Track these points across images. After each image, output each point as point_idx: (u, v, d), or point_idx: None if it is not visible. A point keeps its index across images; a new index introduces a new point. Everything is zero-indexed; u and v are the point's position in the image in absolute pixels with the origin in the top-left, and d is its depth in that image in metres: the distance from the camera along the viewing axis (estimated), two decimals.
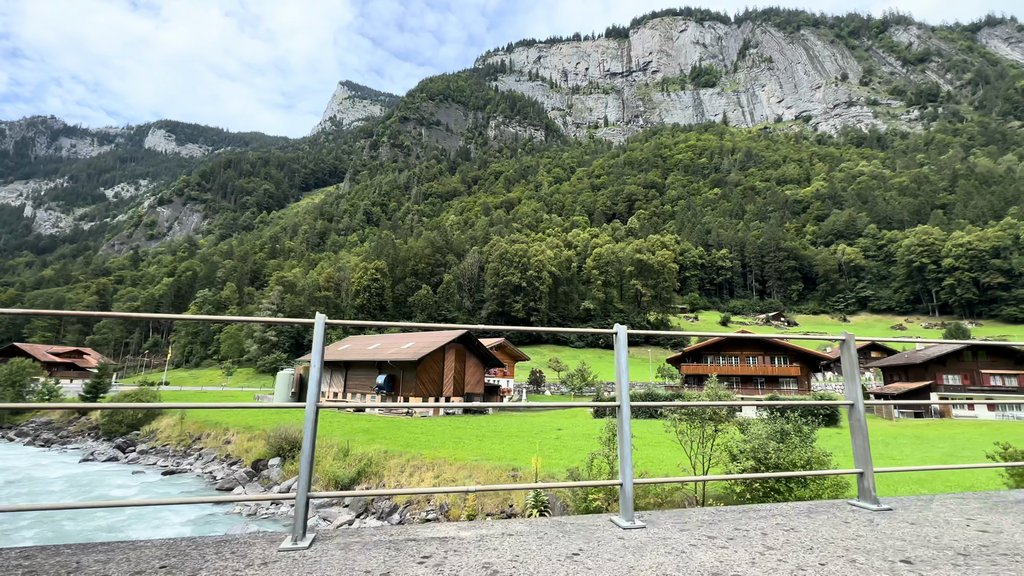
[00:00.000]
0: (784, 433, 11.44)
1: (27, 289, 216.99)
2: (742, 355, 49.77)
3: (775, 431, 11.56)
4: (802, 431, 12.46)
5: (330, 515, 19.57)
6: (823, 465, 10.67)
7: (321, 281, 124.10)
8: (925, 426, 39.77)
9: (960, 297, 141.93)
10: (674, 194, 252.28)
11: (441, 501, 18.10)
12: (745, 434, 11.86)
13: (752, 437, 11.28)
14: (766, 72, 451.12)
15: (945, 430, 36.35)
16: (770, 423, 12.19)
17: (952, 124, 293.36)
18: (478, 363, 52.83)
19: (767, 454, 10.75)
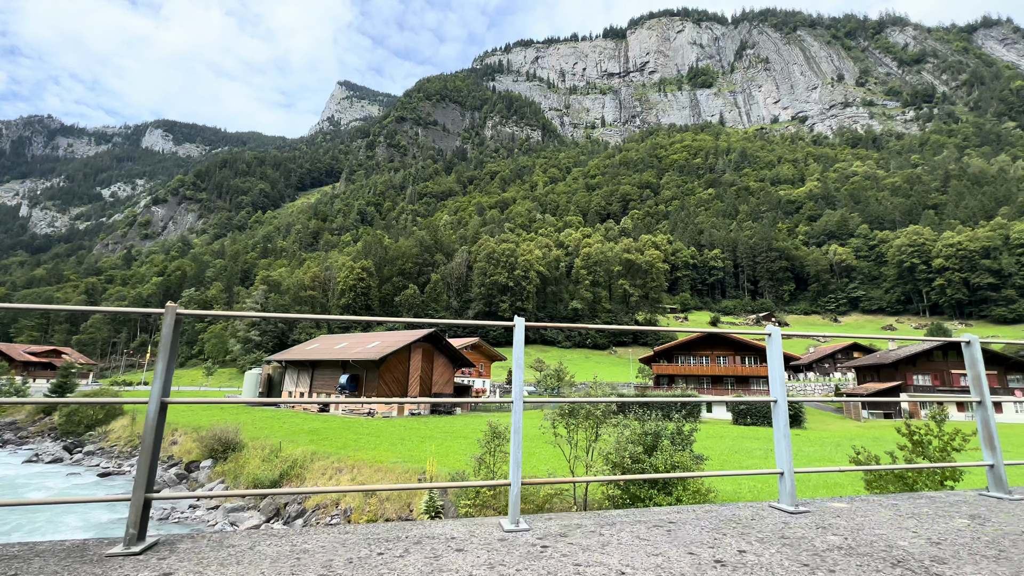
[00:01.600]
0: (657, 435, 10.82)
1: (17, 288, 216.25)
2: (712, 355, 49.16)
3: (644, 434, 10.93)
4: (681, 432, 11.82)
5: (239, 519, 18.93)
6: (687, 470, 10.04)
7: (306, 280, 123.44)
8: (891, 427, 39.17)
9: (950, 297, 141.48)
10: (668, 194, 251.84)
11: (346, 505, 17.47)
12: (623, 434, 11.24)
13: (622, 439, 10.65)
14: (763, 73, 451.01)
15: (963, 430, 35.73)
16: (647, 423, 11.56)
17: (947, 125, 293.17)
18: (447, 363, 52.20)
19: (623, 458, 10.10)
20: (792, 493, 3.58)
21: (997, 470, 4.13)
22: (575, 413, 12.47)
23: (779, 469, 3.66)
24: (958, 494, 4.26)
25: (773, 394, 3.91)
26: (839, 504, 3.83)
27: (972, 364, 4.30)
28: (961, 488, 14.77)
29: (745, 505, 3.72)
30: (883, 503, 3.91)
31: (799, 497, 4.39)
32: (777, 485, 3.70)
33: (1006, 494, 4.09)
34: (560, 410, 13.10)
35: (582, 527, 3.06)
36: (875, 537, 2.96)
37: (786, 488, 3.59)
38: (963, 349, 4.48)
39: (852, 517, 3.45)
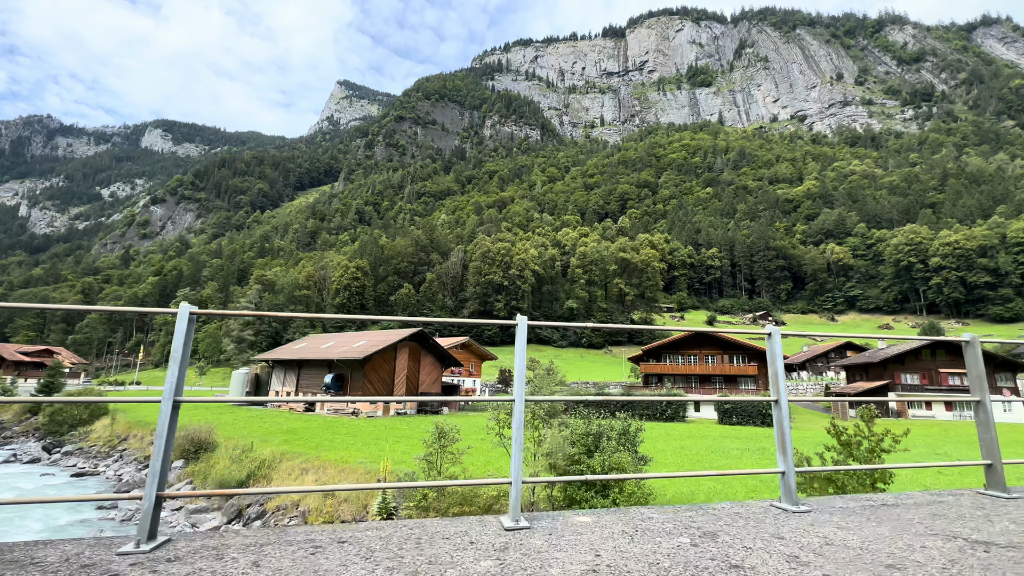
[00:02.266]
0: (597, 436, 10.54)
1: (15, 288, 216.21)
2: (700, 354, 48.85)
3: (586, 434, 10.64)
4: (627, 433, 11.53)
5: (200, 520, 18.69)
6: (623, 471, 9.72)
7: (301, 279, 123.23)
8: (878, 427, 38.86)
9: (947, 296, 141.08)
10: (666, 193, 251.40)
11: (305, 506, 17.21)
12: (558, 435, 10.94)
13: (556, 440, 10.37)
14: (762, 72, 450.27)
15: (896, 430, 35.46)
16: (592, 423, 11.27)
17: (946, 124, 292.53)
18: (434, 362, 51.94)
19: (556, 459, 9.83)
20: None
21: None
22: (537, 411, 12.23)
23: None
24: None
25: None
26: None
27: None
28: (917, 490, 14.45)
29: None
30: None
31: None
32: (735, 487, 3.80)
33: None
34: (505, 410, 12.85)
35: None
36: None
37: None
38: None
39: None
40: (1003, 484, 4.05)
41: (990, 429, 4.12)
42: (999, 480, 4.10)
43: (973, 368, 4.30)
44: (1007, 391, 42.35)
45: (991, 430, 4.10)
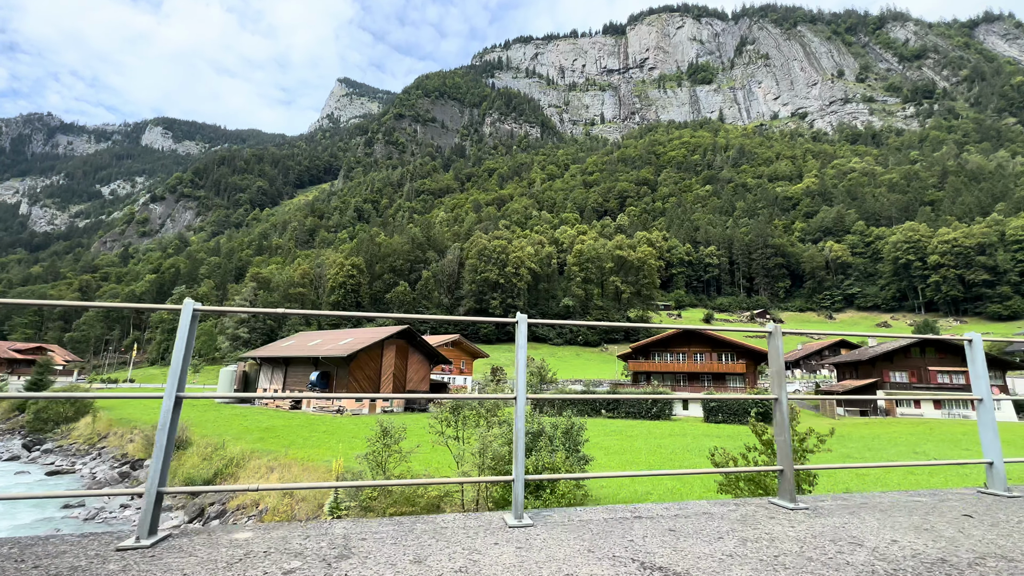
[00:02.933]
0: (536, 435, 10.26)
1: (14, 286, 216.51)
2: (689, 352, 48.56)
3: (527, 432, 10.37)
4: (570, 432, 11.25)
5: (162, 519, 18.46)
6: (555, 471, 9.42)
7: (296, 277, 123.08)
8: (864, 425, 38.61)
9: (945, 294, 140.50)
10: (666, 191, 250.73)
11: (265, 505, 16.99)
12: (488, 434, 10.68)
13: (487, 438, 10.09)
14: (762, 69, 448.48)
15: (878, 429, 35.20)
16: (533, 420, 11.01)
17: (947, 121, 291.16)
18: (422, 359, 51.71)
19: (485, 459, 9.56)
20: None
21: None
22: (457, 411, 11.94)
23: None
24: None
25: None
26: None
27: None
28: (877, 491, 14.15)
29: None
30: None
31: None
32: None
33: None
34: (445, 408, 12.58)
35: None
36: None
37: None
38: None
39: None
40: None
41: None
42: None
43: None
44: (996, 389, 42.04)
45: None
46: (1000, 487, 4.05)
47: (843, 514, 3.38)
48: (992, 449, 4.08)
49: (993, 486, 4.09)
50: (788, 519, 3.22)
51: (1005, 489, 4.04)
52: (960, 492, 4.14)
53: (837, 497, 3.89)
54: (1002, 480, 4.06)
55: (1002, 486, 4.05)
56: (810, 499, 3.79)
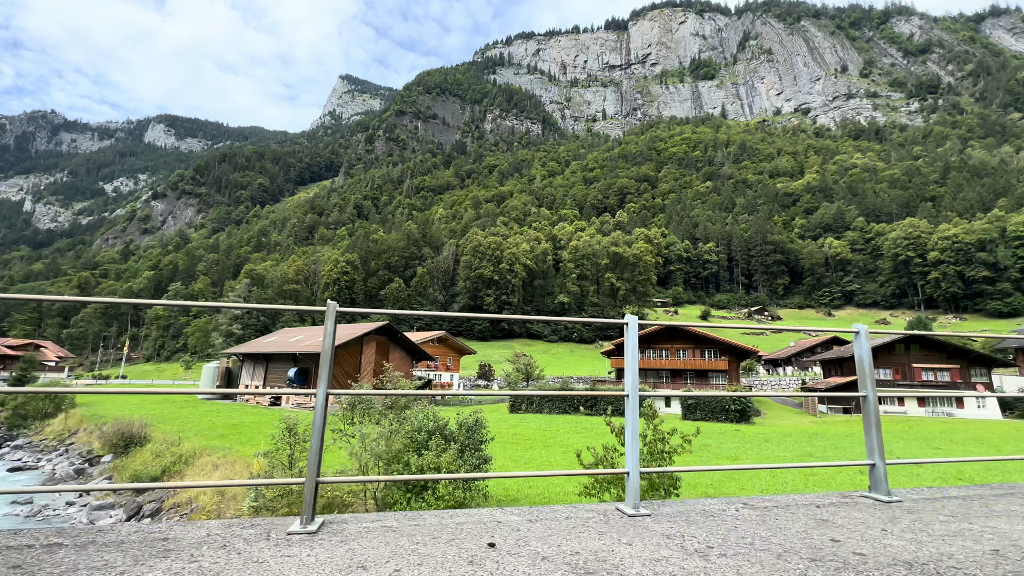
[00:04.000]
0: (432, 433, 9.82)
1: (15, 282, 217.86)
2: (672, 348, 48.00)
3: (416, 430, 9.92)
4: (473, 430, 10.82)
5: (97, 517, 18.21)
6: (439, 471, 8.99)
7: (290, 274, 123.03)
8: (844, 423, 38.06)
9: (945, 291, 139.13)
10: (666, 187, 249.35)
11: (197, 503, 16.66)
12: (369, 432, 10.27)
13: (368, 437, 9.66)
14: (765, 64, 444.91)
15: (857, 427, 34.63)
16: (430, 418, 10.57)
17: (952, 116, 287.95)
18: (404, 356, 51.42)
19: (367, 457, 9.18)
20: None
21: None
22: (353, 406, 11.57)
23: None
24: None
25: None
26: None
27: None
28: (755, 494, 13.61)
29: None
30: None
31: None
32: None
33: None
34: (343, 404, 12.21)
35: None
36: None
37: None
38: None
39: None
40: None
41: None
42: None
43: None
44: (981, 386, 41.34)
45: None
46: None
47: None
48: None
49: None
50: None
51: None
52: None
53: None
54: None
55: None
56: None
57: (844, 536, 2.88)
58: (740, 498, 3.84)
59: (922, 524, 3.18)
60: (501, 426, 34.68)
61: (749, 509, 3.52)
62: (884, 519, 3.29)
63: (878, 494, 3.78)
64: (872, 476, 3.89)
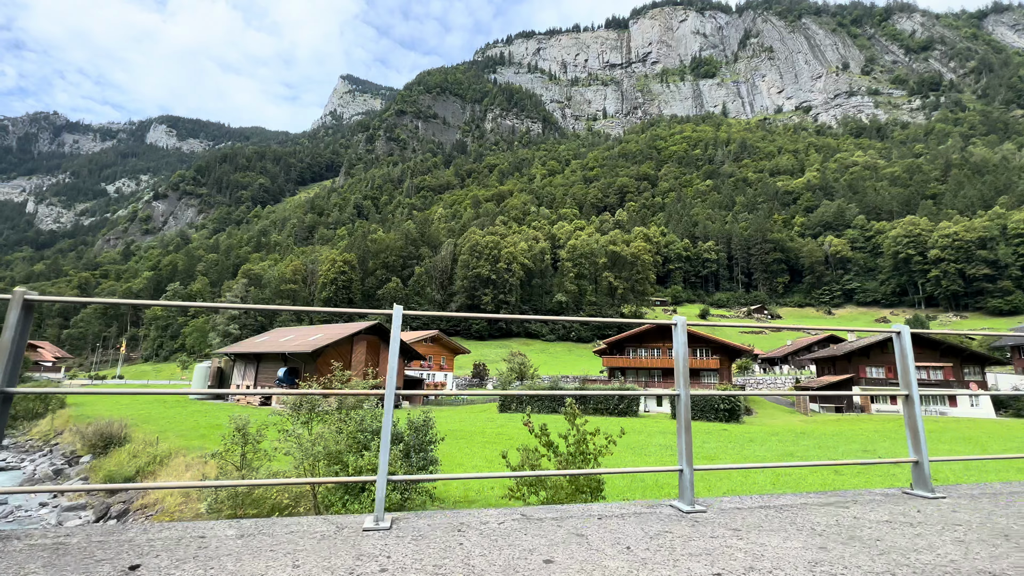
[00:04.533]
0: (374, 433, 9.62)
1: (16, 283, 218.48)
2: (664, 347, 47.70)
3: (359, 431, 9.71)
4: (421, 430, 10.62)
5: (67, 519, 18.09)
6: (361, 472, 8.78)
7: (288, 274, 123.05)
8: (834, 422, 37.75)
9: (945, 289, 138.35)
10: (666, 186, 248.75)
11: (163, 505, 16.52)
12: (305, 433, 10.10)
13: (305, 436, 9.49)
14: (767, 62, 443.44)
15: (846, 426, 34.34)
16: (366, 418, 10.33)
17: (954, 113, 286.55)
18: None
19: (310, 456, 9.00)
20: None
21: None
22: (299, 407, 11.43)
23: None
24: None
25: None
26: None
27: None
28: (718, 495, 13.39)
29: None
30: None
31: None
32: None
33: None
34: (286, 403, 12.03)
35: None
36: None
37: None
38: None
39: None
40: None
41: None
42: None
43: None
44: (974, 384, 40.95)
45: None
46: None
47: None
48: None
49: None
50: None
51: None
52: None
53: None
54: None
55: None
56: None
57: None
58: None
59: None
60: (488, 426, 34.49)
61: None
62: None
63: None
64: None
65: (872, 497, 3.84)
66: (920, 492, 3.88)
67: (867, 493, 3.97)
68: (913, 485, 3.99)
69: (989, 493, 4.05)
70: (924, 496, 3.82)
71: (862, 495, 3.90)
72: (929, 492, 3.83)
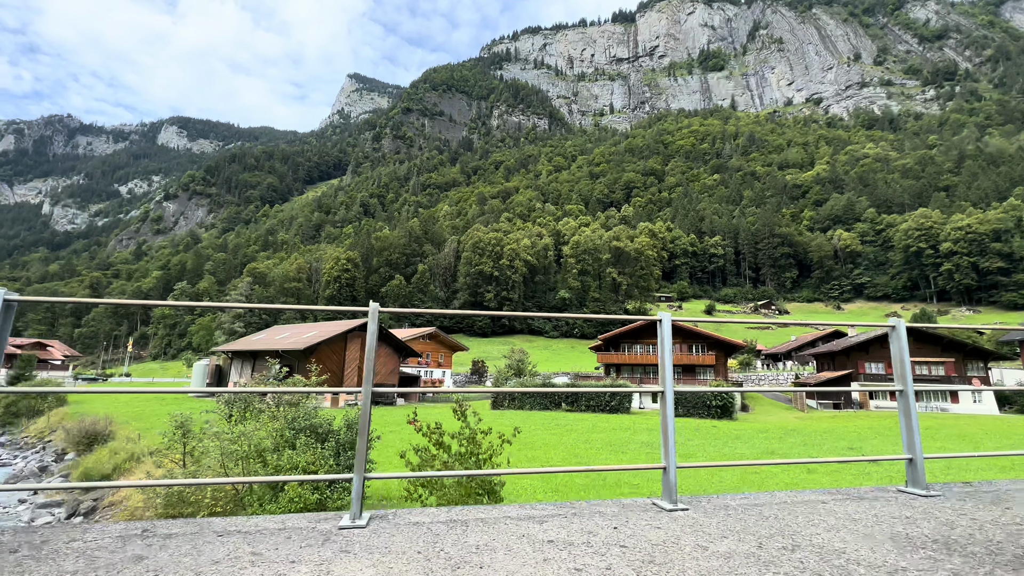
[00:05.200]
0: (299, 431, 9.37)
1: (31, 283, 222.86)
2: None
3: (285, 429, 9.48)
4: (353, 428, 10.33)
5: (38, 515, 18.22)
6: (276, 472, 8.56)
7: (292, 272, 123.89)
8: (830, 418, 37.03)
9: (958, 283, 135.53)
10: (672, 181, 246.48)
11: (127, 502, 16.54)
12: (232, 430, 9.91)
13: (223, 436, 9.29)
14: (776, 54, 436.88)
15: (839, 423, 33.67)
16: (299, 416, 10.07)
17: (969, 103, 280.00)
18: (391, 352, 51.31)
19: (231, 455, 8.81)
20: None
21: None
22: (231, 403, 11.29)
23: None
24: None
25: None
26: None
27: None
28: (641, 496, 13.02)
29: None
30: None
31: None
32: None
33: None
34: (220, 400, 11.96)
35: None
36: None
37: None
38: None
39: None
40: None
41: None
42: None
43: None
44: (977, 380, 39.87)
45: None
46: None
47: None
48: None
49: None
50: None
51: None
52: None
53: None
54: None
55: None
56: None
57: None
58: None
59: None
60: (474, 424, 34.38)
61: None
62: None
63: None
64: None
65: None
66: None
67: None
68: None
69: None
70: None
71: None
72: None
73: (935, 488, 3.82)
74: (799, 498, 3.64)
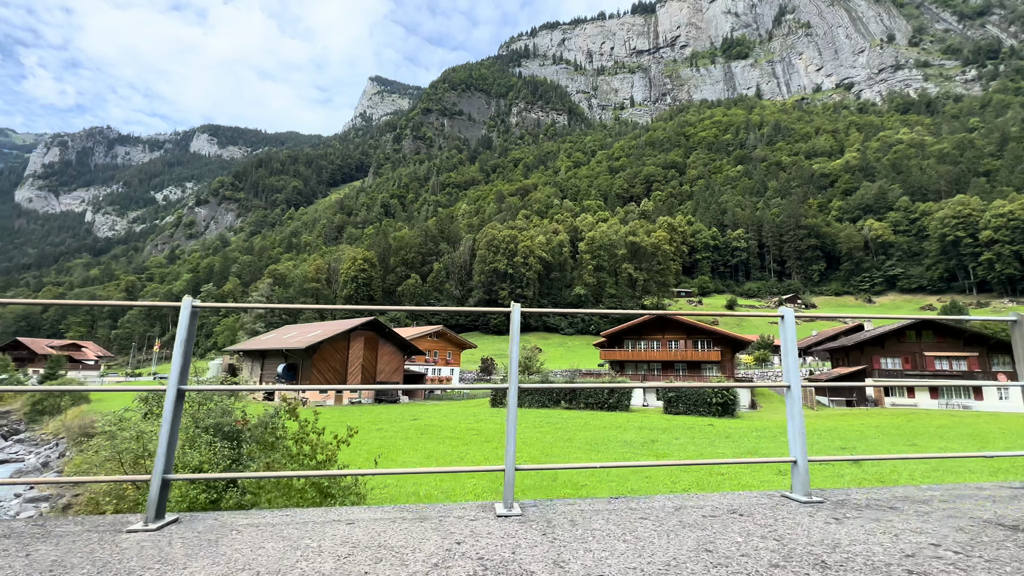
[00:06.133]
0: (203, 429, 9.27)
1: (74, 287, 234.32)
2: (664, 339, 45.88)
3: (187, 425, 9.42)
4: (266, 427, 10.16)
5: (25, 509, 18.89)
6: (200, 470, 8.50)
7: (311, 273, 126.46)
8: (840, 416, 35.41)
9: (999, 273, 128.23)
10: (694, 173, 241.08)
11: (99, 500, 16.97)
12: None
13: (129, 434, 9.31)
14: (803, 39, 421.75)
15: (844, 421, 32.12)
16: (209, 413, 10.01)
17: (1015, 83, 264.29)
18: (394, 350, 51.68)
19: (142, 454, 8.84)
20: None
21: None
22: (147, 400, 11.32)
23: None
24: None
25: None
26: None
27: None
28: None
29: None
30: None
31: None
32: None
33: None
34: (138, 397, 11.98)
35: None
36: None
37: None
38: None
39: None
40: None
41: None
42: None
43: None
44: (1002, 376, 37.37)
45: None
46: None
47: None
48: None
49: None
50: None
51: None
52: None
53: None
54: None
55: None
56: None
57: None
58: None
59: None
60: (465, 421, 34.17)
61: None
62: None
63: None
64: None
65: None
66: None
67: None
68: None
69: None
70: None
71: None
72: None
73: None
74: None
